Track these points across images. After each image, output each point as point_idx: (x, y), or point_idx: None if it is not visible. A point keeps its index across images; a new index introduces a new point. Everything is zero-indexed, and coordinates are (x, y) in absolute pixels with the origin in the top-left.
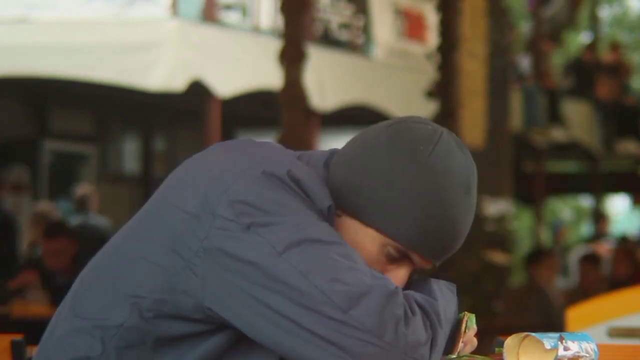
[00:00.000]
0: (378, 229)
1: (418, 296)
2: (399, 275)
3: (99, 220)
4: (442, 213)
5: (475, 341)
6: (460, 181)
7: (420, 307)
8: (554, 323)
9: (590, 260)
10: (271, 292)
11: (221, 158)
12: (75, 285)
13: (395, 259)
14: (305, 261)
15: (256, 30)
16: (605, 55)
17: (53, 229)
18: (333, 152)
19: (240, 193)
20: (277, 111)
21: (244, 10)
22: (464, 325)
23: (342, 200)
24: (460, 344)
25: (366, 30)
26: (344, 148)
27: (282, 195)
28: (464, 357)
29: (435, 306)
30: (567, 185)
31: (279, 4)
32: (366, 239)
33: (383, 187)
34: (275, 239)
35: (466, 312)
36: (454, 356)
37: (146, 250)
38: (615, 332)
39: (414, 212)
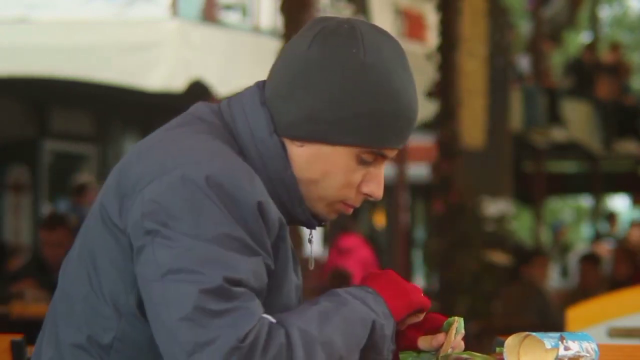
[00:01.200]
0: (350, 144)
1: (295, 332)
2: (379, 174)
3: None
4: (398, 101)
5: (462, 345)
6: (397, 63)
7: (290, 344)
8: (551, 322)
9: (590, 260)
10: (150, 308)
11: (144, 157)
12: (51, 312)
13: (370, 162)
14: (173, 292)
15: (256, 30)
16: (605, 55)
17: (52, 221)
18: (260, 86)
19: (152, 198)
20: None
21: (244, 10)
22: (453, 330)
23: (301, 131)
24: (450, 350)
25: None
26: (273, 81)
27: (194, 205)
28: (464, 355)
29: (309, 340)
30: (567, 185)
31: (279, 4)
32: (340, 158)
33: (340, 105)
34: (163, 258)
35: (456, 317)
36: (448, 353)
37: (99, 257)
38: (615, 332)
39: (377, 114)
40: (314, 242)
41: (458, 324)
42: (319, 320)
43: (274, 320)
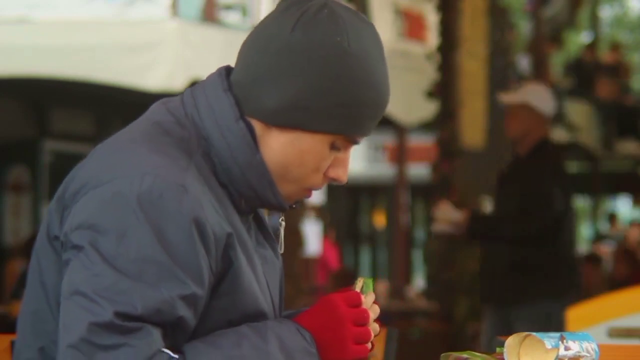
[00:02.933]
0: (329, 132)
1: None
2: (346, 159)
3: None
4: (377, 91)
5: (376, 308)
6: (377, 53)
7: None
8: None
9: (591, 261)
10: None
11: (84, 168)
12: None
13: (340, 148)
14: (71, 316)
15: None
16: (605, 55)
17: None
18: (222, 73)
19: (82, 211)
20: None
21: (244, 10)
22: (357, 289)
23: (282, 118)
24: None
25: None
26: (248, 63)
27: (121, 224)
28: (464, 355)
29: None
30: None
31: None
32: (315, 144)
33: (322, 93)
34: (75, 278)
35: (361, 277)
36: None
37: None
38: (615, 332)
39: (357, 103)
40: (284, 227)
41: (364, 285)
42: None
43: (175, 356)
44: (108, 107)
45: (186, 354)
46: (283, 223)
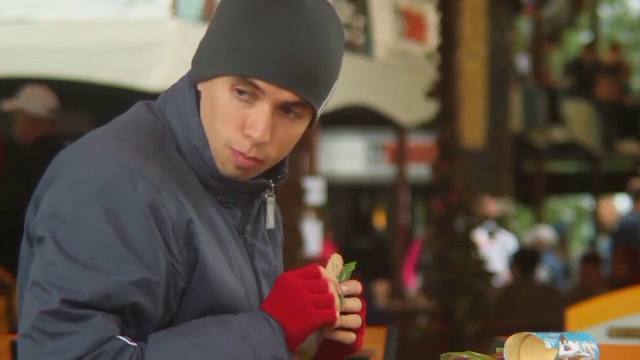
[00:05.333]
0: (220, 74)
1: None
2: (260, 116)
3: None
4: (278, 35)
5: (358, 286)
6: (325, 16)
7: None
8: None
9: (591, 261)
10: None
11: (55, 160)
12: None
13: (247, 95)
14: (26, 305)
15: None
16: (605, 55)
17: None
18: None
19: (46, 202)
20: None
21: None
22: (329, 266)
23: (194, 75)
24: (344, 289)
25: (366, 30)
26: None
27: (78, 211)
28: (464, 355)
29: None
30: (567, 185)
31: None
32: (218, 92)
33: (216, 38)
34: (34, 268)
35: (336, 255)
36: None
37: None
38: (615, 332)
39: (248, 42)
40: (272, 203)
41: (344, 268)
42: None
43: (132, 344)
44: (108, 107)
45: (148, 342)
46: (270, 198)
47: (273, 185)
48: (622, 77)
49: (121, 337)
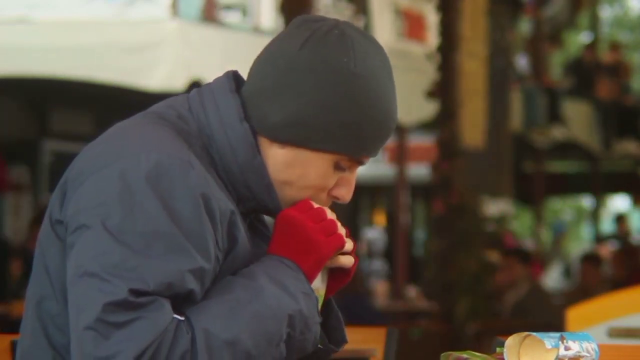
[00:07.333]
0: (332, 151)
1: (201, 335)
2: (351, 180)
3: None
4: (382, 111)
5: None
6: (384, 73)
7: (194, 352)
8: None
9: (591, 261)
10: (69, 308)
11: (87, 151)
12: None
13: (345, 168)
14: (82, 297)
15: (256, 30)
16: (605, 55)
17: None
18: (230, 76)
19: (89, 192)
20: None
21: (244, 11)
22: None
23: (285, 134)
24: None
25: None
26: (257, 78)
27: (128, 200)
28: (464, 355)
29: (214, 344)
30: (567, 185)
31: (279, 4)
32: (318, 163)
33: (326, 112)
34: (83, 258)
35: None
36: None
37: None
38: (615, 332)
39: (361, 124)
40: None
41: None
42: (227, 318)
43: (182, 319)
44: (108, 107)
45: (188, 314)
46: None
47: None
48: (622, 77)
49: (175, 316)
